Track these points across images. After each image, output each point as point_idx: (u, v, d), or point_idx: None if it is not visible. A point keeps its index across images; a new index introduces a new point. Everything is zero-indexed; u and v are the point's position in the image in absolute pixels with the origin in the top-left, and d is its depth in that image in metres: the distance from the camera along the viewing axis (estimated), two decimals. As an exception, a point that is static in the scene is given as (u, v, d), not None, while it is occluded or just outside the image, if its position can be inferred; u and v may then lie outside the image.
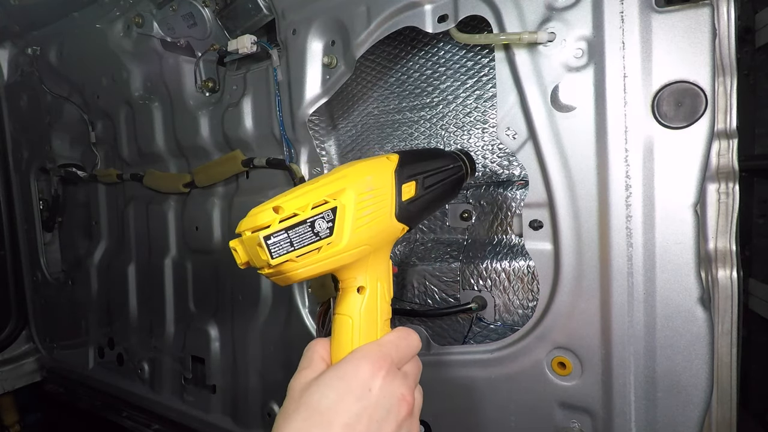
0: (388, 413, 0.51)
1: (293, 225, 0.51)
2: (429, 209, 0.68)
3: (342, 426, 0.48)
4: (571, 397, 0.82)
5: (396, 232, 0.62)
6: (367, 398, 0.50)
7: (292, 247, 0.51)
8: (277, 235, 0.50)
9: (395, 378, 0.54)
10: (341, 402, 0.50)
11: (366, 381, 0.52)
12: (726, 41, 0.74)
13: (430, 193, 0.65)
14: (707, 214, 0.78)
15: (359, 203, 0.55)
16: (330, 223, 0.53)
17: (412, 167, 0.63)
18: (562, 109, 0.79)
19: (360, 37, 0.98)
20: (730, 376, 0.80)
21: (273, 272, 0.53)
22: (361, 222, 0.55)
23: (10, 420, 2.01)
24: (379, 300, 0.60)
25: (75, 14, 1.58)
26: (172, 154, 1.48)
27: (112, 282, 1.71)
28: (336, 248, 0.53)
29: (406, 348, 0.59)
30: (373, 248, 0.58)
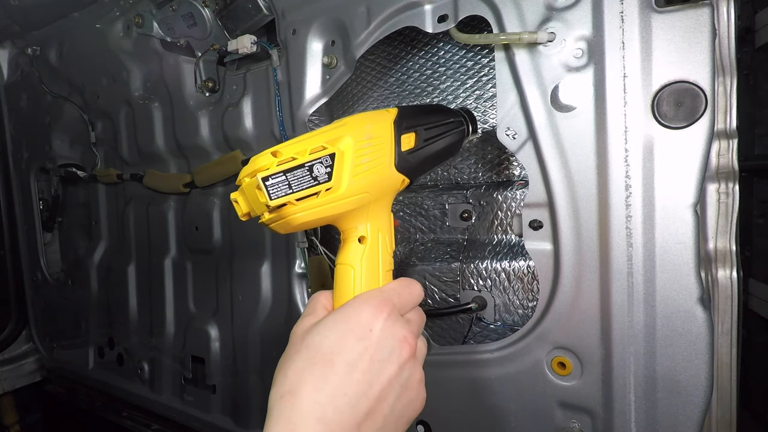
0: (390, 354, 0.51)
1: (291, 168, 0.51)
2: (429, 162, 0.68)
3: (343, 364, 0.48)
4: (571, 397, 0.82)
5: (396, 183, 0.62)
6: (368, 338, 0.50)
7: (291, 190, 0.51)
8: (275, 177, 0.51)
9: (397, 321, 0.53)
10: (343, 342, 0.50)
11: (367, 322, 0.51)
12: (726, 41, 0.74)
13: (429, 145, 0.66)
14: (707, 214, 0.78)
15: (358, 150, 0.55)
16: (328, 168, 0.53)
17: (411, 119, 0.64)
18: (562, 109, 0.79)
19: (360, 37, 0.98)
20: (730, 376, 0.81)
21: (273, 217, 0.53)
22: (359, 169, 0.55)
23: (10, 420, 2.01)
24: (380, 250, 0.60)
25: (75, 14, 1.58)
26: (172, 154, 1.48)
27: (112, 282, 1.71)
28: (335, 194, 0.53)
29: (409, 295, 0.58)
30: (373, 197, 0.58)
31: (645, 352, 0.76)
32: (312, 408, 0.46)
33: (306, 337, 0.51)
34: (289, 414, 0.46)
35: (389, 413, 0.50)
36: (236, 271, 1.35)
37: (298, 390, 0.47)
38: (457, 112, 0.74)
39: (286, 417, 0.46)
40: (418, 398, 0.54)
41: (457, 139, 0.72)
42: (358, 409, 0.47)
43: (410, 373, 0.53)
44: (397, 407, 0.51)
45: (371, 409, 0.48)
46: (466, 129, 0.75)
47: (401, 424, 0.53)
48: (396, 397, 0.51)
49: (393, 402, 0.51)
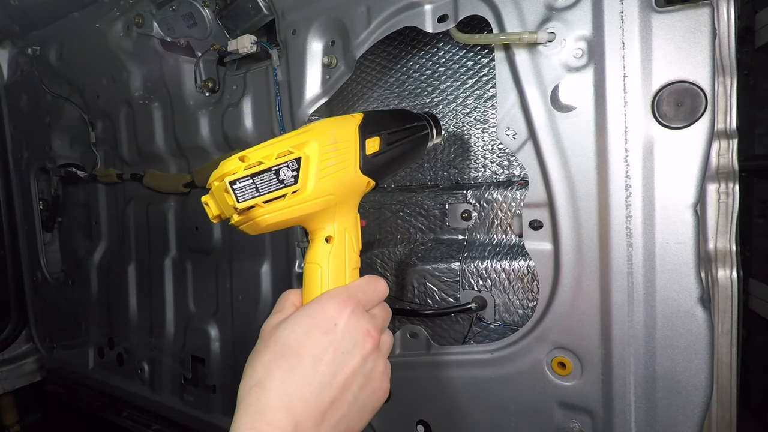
0: (354, 346, 0.54)
1: (258, 172, 0.54)
2: (393, 164, 0.70)
3: (309, 356, 0.51)
4: (571, 397, 0.82)
5: (361, 185, 0.64)
6: (333, 332, 0.53)
7: (258, 193, 0.54)
8: (242, 181, 0.53)
9: (361, 316, 0.56)
10: (308, 336, 0.52)
11: (332, 317, 0.54)
12: (726, 41, 0.74)
13: (393, 148, 0.68)
14: (707, 214, 0.78)
15: (323, 154, 0.58)
16: (294, 172, 0.55)
17: (376, 124, 0.66)
18: (562, 109, 0.79)
19: (360, 37, 0.98)
20: (730, 376, 0.80)
21: (241, 219, 0.55)
22: (325, 172, 0.58)
23: (10, 420, 2.01)
24: (347, 249, 0.63)
25: (75, 14, 1.58)
26: (172, 154, 1.48)
27: (112, 282, 1.71)
28: (301, 196, 0.56)
29: (373, 292, 0.61)
30: (339, 199, 0.61)
31: (645, 352, 0.76)
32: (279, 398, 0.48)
33: (274, 332, 0.54)
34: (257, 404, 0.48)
35: (353, 401, 0.53)
36: (236, 271, 1.35)
37: (266, 382, 0.49)
38: (421, 116, 0.77)
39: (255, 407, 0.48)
40: (381, 388, 0.57)
41: (420, 142, 0.76)
42: (322, 398, 0.50)
43: (373, 365, 0.56)
44: (360, 396, 0.54)
45: (335, 397, 0.51)
46: (430, 133, 0.78)
47: (366, 412, 0.55)
48: (360, 387, 0.54)
49: (357, 391, 0.53)
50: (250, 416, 0.48)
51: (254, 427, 0.47)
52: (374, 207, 1.17)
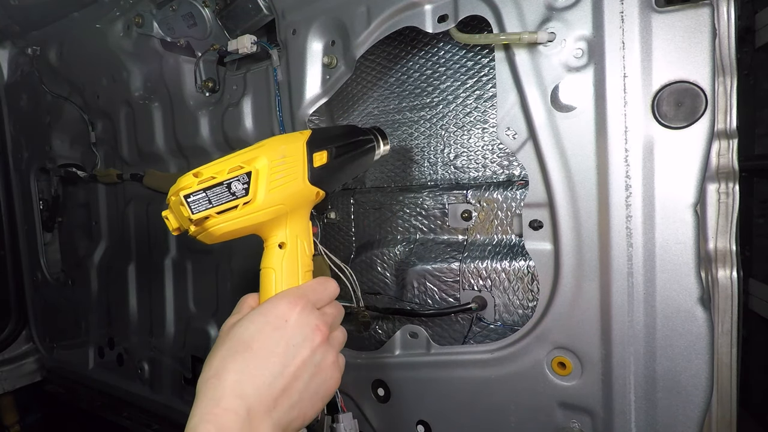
0: (304, 340, 0.58)
1: (210, 186, 0.59)
2: (341, 175, 0.77)
3: (261, 350, 0.56)
4: (571, 397, 0.82)
5: (311, 195, 0.70)
6: (283, 328, 0.58)
7: (211, 204, 0.59)
8: (196, 194, 0.59)
9: (311, 313, 0.61)
10: (261, 332, 0.57)
11: (283, 314, 0.59)
12: (726, 41, 0.74)
13: (340, 160, 0.74)
14: (707, 214, 0.78)
15: (272, 168, 0.63)
16: (245, 185, 0.61)
17: (323, 139, 0.72)
18: (562, 109, 0.79)
19: (360, 37, 0.98)
20: (730, 376, 0.80)
21: (197, 230, 0.60)
22: (274, 184, 0.63)
23: (10, 420, 2.01)
24: (299, 254, 0.68)
25: (75, 14, 1.58)
26: (172, 154, 1.48)
27: (112, 282, 1.71)
28: (252, 206, 0.61)
29: (323, 291, 0.65)
30: (290, 208, 0.66)
31: (645, 352, 0.76)
32: (233, 387, 0.52)
33: (230, 331, 0.59)
34: (213, 393, 0.52)
35: (304, 389, 0.58)
36: (236, 271, 1.35)
37: (222, 374, 0.54)
38: (368, 131, 0.86)
39: (211, 396, 0.52)
40: (332, 377, 0.62)
41: (366, 154, 0.83)
42: (274, 387, 0.55)
43: (322, 356, 0.60)
44: (311, 385, 0.59)
45: (287, 386, 0.56)
46: (376, 145, 0.86)
47: (317, 399, 0.60)
48: (310, 376, 0.58)
49: (307, 380, 0.58)
50: (207, 404, 0.52)
51: (211, 412, 0.51)
52: (374, 207, 1.17)
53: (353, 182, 1.25)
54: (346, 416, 1.02)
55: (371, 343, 1.15)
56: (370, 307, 1.07)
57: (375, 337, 1.16)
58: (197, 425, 0.50)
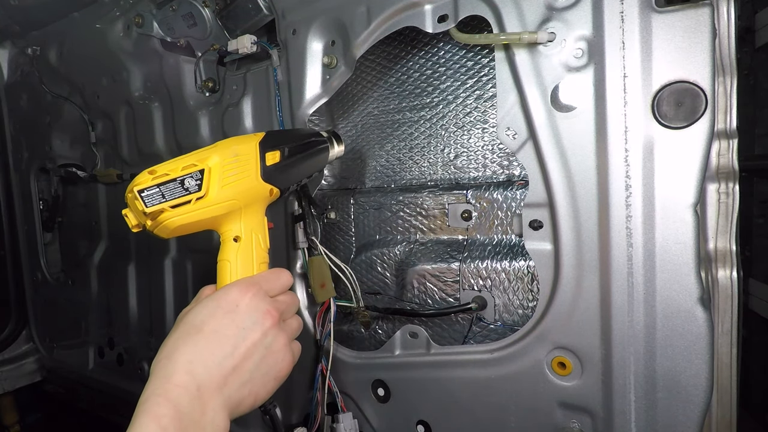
0: (254, 323, 0.61)
1: (164, 182, 0.63)
2: (293, 173, 0.80)
3: (211, 332, 0.59)
4: (571, 397, 0.82)
5: (264, 192, 0.74)
6: (234, 312, 0.61)
7: (164, 199, 0.63)
8: (149, 190, 0.63)
9: (262, 299, 0.64)
10: (212, 316, 0.60)
11: (234, 299, 0.62)
12: (726, 41, 0.74)
13: (292, 159, 0.78)
14: (707, 214, 0.78)
15: (225, 166, 0.66)
16: (198, 181, 0.64)
17: (276, 140, 0.76)
18: (562, 109, 0.79)
19: (360, 37, 0.98)
20: (730, 376, 0.80)
21: (152, 224, 0.64)
22: (227, 180, 0.67)
23: (10, 420, 2.01)
24: (254, 247, 0.72)
25: (75, 14, 1.58)
26: (172, 154, 1.48)
27: (112, 282, 1.71)
28: (205, 201, 0.65)
29: (276, 281, 0.68)
30: (243, 203, 0.70)
31: (645, 352, 0.76)
32: (183, 365, 0.55)
33: (184, 317, 0.62)
34: (164, 372, 0.55)
35: (255, 369, 0.60)
36: (236, 271, 1.35)
37: (172, 354, 0.57)
38: (324, 133, 0.90)
39: (162, 374, 0.55)
40: (284, 360, 0.64)
41: (319, 155, 0.87)
42: (224, 366, 0.57)
43: (273, 339, 0.63)
44: (262, 366, 0.61)
45: (237, 366, 0.58)
46: (330, 146, 0.90)
47: (269, 380, 0.63)
48: (261, 357, 0.61)
49: (258, 361, 0.61)
50: (159, 381, 0.54)
51: (162, 387, 0.53)
52: (374, 207, 1.17)
53: (353, 182, 1.25)
54: (346, 416, 1.02)
55: (371, 343, 1.15)
56: (370, 307, 1.07)
57: (375, 337, 1.16)
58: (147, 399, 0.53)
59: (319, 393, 1.02)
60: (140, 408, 0.53)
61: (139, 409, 0.53)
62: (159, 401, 0.52)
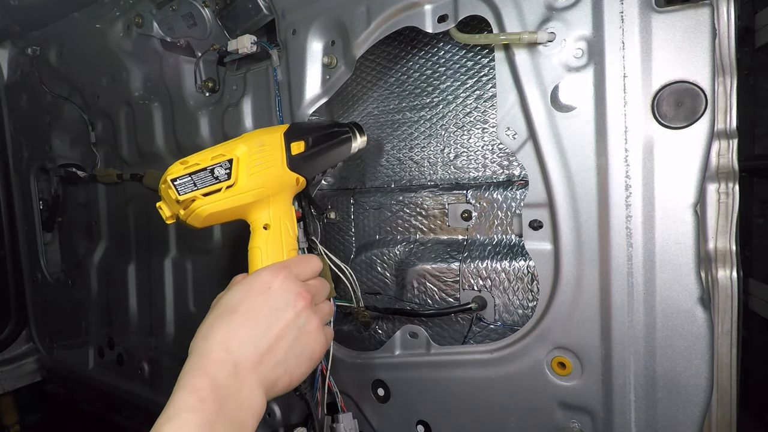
0: (287, 304, 0.63)
1: (195, 171, 0.66)
2: (318, 163, 0.83)
3: (245, 312, 0.60)
4: (571, 397, 0.82)
5: (291, 180, 0.76)
6: (267, 293, 0.62)
7: (196, 187, 0.66)
8: (182, 178, 0.66)
9: (294, 281, 0.65)
10: (245, 298, 0.62)
11: (266, 281, 0.63)
12: (726, 41, 0.74)
13: (317, 149, 0.80)
14: (707, 214, 0.78)
15: (252, 156, 0.69)
16: (227, 170, 0.67)
17: (300, 130, 0.79)
18: (562, 109, 0.79)
19: (360, 37, 0.98)
20: (730, 376, 0.81)
21: (186, 213, 0.66)
22: (255, 169, 0.69)
23: (10, 420, 2.01)
24: (283, 234, 0.74)
25: (75, 14, 1.58)
26: (172, 154, 1.48)
27: (112, 282, 1.71)
28: (235, 189, 0.67)
29: (306, 265, 0.70)
30: (271, 191, 0.72)
31: (645, 352, 0.76)
32: (220, 343, 0.57)
33: (218, 300, 0.64)
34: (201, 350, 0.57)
35: (289, 350, 0.61)
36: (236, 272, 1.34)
37: (209, 334, 0.59)
38: (345, 124, 0.92)
39: (200, 352, 0.57)
40: (317, 341, 0.65)
41: (342, 145, 0.89)
42: (259, 345, 0.59)
43: (306, 320, 0.64)
44: (296, 346, 0.62)
45: (271, 345, 0.60)
46: (353, 137, 0.92)
47: (303, 360, 0.64)
48: (294, 338, 0.62)
49: (292, 341, 0.62)
50: (196, 358, 0.56)
51: (199, 363, 0.55)
52: (374, 207, 1.17)
53: (353, 182, 1.25)
54: (346, 416, 1.02)
55: (371, 343, 1.15)
56: (370, 307, 1.07)
57: (375, 337, 1.16)
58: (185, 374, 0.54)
59: (319, 393, 1.02)
60: (178, 383, 0.54)
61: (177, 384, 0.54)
62: (196, 375, 0.54)
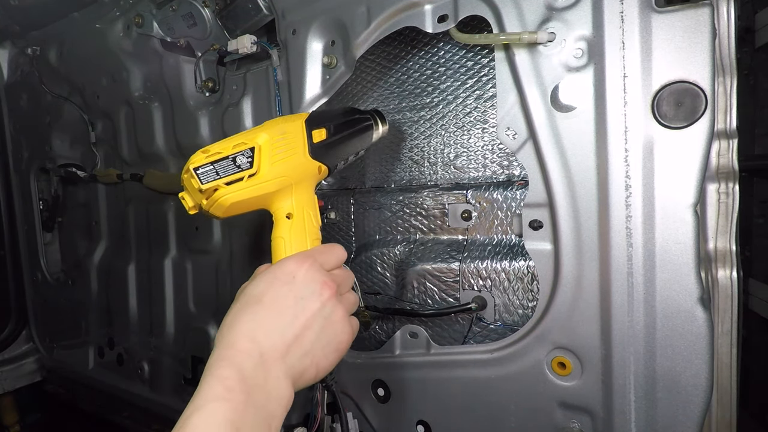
0: (312, 293, 0.61)
1: (217, 160, 0.65)
2: (340, 150, 0.81)
3: (270, 302, 0.59)
4: (571, 397, 0.82)
5: (313, 169, 0.75)
6: (292, 282, 0.61)
7: (218, 176, 0.64)
8: (204, 167, 0.64)
9: (318, 270, 0.63)
10: (270, 287, 0.61)
11: (291, 271, 0.62)
12: (726, 41, 0.74)
13: (338, 137, 0.79)
14: (707, 214, 0.78)
15: (274, 144, 0.68)
16: (249, 158, 0.66)
17: (322, 118, 0.78)
18: (562, 109, 0.79)
19: (360, 37, 0.98)
20: (730, 376, 0.81)
21: (209, 203, 0.65)
22: (277, 158, 0.68)
23: (10, 420, 2.01)
24: (306, 223, 0.73)
25: (75, 14, 1.58)
26: (172, 154, 1.48)
27: (112, 282, 1.71)
28: (257, 177, 0.66)
29: (331, 254, 0.68)
30: (293, 180, 0.71)
31: (645, 352, 0.76)
32: (245, 333, 0.56)
33: (243, 291, 0.63)
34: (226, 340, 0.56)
35: (315, 340, 0.60)
36: (236, 271, 1.35)
37: (234, 324, 0.58)
38: (366, 112, 0.90)
39: (225, 342, 0.56)
40: (343, 332, 0.64)
41: (364, 132, 0.87)
42: (285, 335, 0.58)
43: (332, 310, 0.62)
44: (323, 336, 0.61)
45: (298, 335, 0.59)
46: (375, 125, 0.89)
47: (330, 351, 0.62)
48: (321, 328, 0.61)
49: (318, 331, 0.61)
50: (222, 348, 0.55)
51: (226, 353, 0.54)
52: (374, 207, 1.17)
53: (353, 182, 1.25)
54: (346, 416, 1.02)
55: (371, 343, 1.15)
56: (370, 307, 1.07)
57: (375, 337, 1.16)
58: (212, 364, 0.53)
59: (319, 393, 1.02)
60: (205, 373, 0.53)
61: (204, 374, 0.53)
62: (223, 365, 0.53)
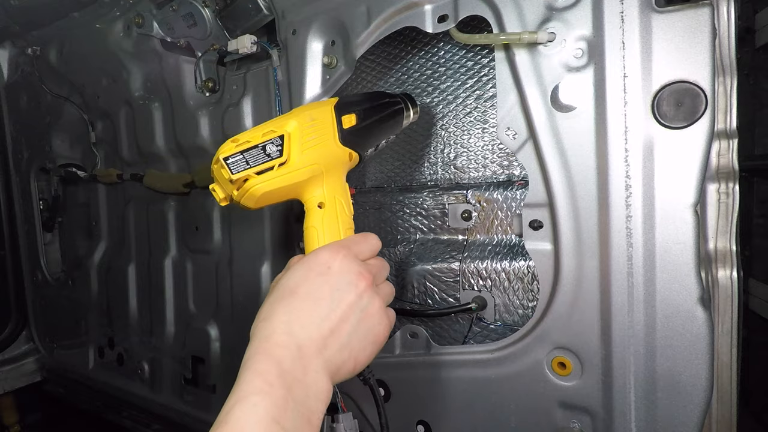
0: (348, 285, 0.60)
1: (247, 149, 0.64)
2: (371, 136, 0.79)
3: (306, 293, 0.58)
4: (571, 397, 0.82)
5: (344, 156, 0.73)
6: (327, 273, 0.60)
7: (248, 165, 0.63)
8: (234, 157, 0.63)
9: (353, 260, 0.62)
10: (305, 279, 0.59)
11: (325, 261, 0.60)
12: (726, 41, 0.74)
13: (369, 122, 0.77)
14: (707, 214, 0.78)
15: (303, 131, 0.66)
16: (279, 147, 0.65)
17: (351, 103, 0.76)
18: (562, 109, 0.79)
19: (360, 37, 0.98)
20: (730, 376, 0.81)
21: (239, 193, 0.64)
22: (307, 145, 0.67)
23: (10, 420, 2.01)
24: (338, 212, 0.71)
25: (75, 14, 1.58)
26: (172, 154, 1.48)
27: (112, 282, 1.71)
28: (288, 166, 0.65)
29: (364, 243, 0.67)
30: (324, 168, 0.69)
31: (645, 352, 0.76)
32: (281, 326, 0.55)
33: (277, 282, 0.61)
34: (263, 333, 0.55)
35: (353, 332, 0.59)
36: (236, 271, 1.35)
37: (270, 316, 0.56)
38: (396, 95, 0.87)
39: (261, 335, 0.55)
40: (380, 323, 0.62)
41: (394, 116, 0.85)
42: (322, 328, 0.56)
43: (369, 301, 0.61)
44: (360, 329, 0.59)
45: (334, 328, 0.57)
46: (405, 108, 0.87)
47: (367, 344, 0.61)
48: (358, 320, 0.59)
49: (355, 323, 0.59)
50: (259, 342, 0.54)
51: (263, 346, 0.53)
52: (374, 207, 1.17)
53: (353, 182, 1.25)
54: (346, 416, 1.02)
55: (371, 343, 1.15)
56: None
57: (375, 337, 1.16)
58: (250, 358, 0.52)
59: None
60: (243, 367, 0.52)
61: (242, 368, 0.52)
62: (261, 359, 0.52)
